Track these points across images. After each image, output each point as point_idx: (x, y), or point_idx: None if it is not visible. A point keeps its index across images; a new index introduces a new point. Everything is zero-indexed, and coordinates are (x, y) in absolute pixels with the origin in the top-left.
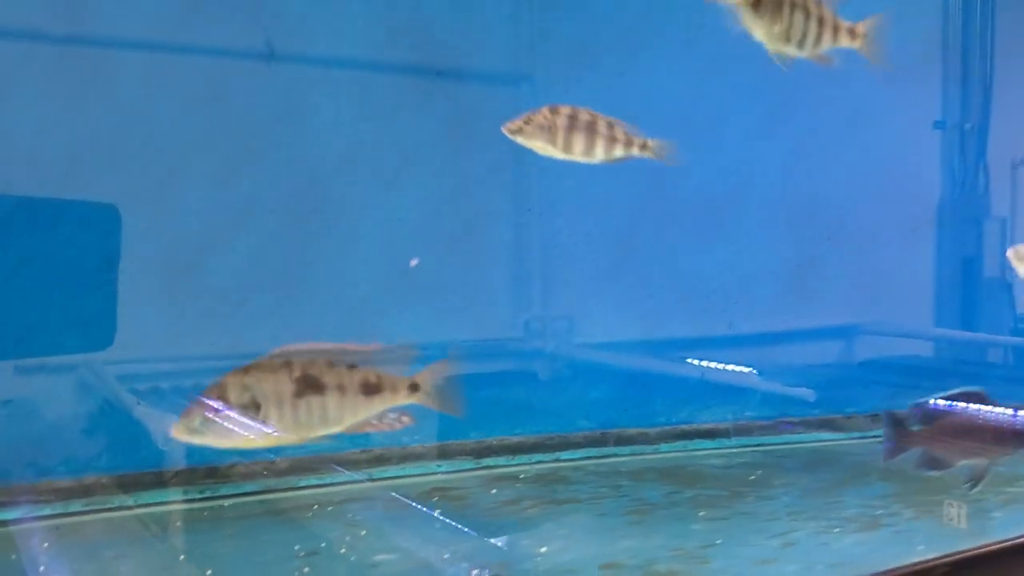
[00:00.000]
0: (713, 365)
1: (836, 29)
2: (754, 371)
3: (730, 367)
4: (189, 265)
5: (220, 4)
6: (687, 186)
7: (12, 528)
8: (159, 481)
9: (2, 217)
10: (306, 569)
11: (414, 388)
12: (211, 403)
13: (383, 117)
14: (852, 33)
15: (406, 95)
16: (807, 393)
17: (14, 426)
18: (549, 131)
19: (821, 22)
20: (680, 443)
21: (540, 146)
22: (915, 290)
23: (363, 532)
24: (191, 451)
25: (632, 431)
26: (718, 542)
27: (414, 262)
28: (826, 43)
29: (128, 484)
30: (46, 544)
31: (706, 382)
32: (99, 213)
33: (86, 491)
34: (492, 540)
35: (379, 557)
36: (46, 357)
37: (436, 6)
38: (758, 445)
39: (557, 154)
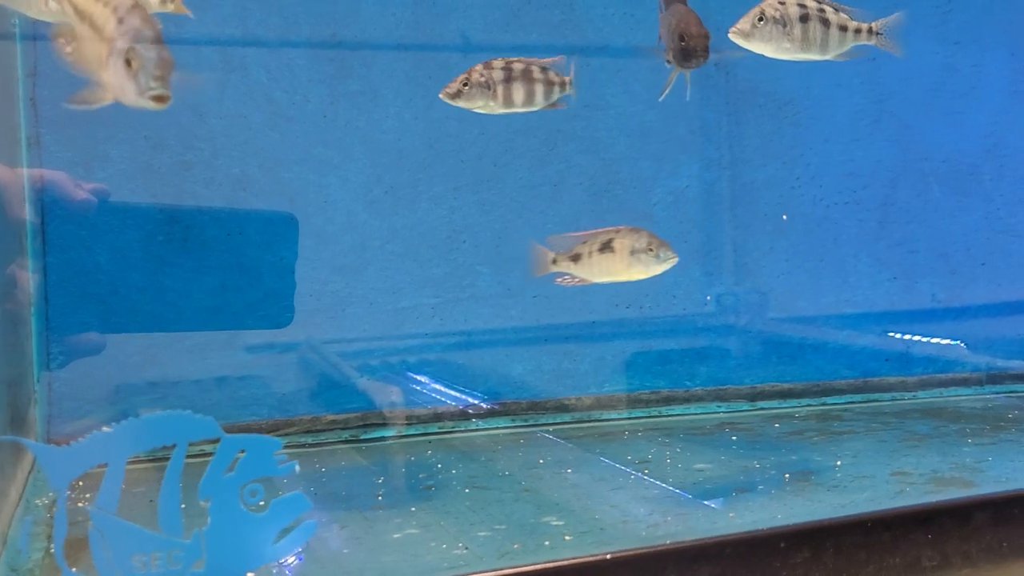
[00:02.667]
0: (966, 314)
1: None
2: (1008, 322)
3: (981, 320)
4: (514, 231)
5: (536, 11)
6: (943, 149)
7: (388, 442)
8: (493, 411)
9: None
10: (646, 470)
11: None
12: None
13: (668, 102)
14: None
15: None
16: None
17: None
18: (488, 88)
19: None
20: (936, 390)
21: (481, 105)
22: None
23: (678, 449)
24: (515, 389)
25: (892, 379)
26: (989, 459)
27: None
28: None
29: (469, 413)
30: (428, 452)
31: (960, 335)
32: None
33: (436, 417)
34: (791, 456)
35: (699, 465)
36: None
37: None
38: (1011, 392)
39: (498, 110)
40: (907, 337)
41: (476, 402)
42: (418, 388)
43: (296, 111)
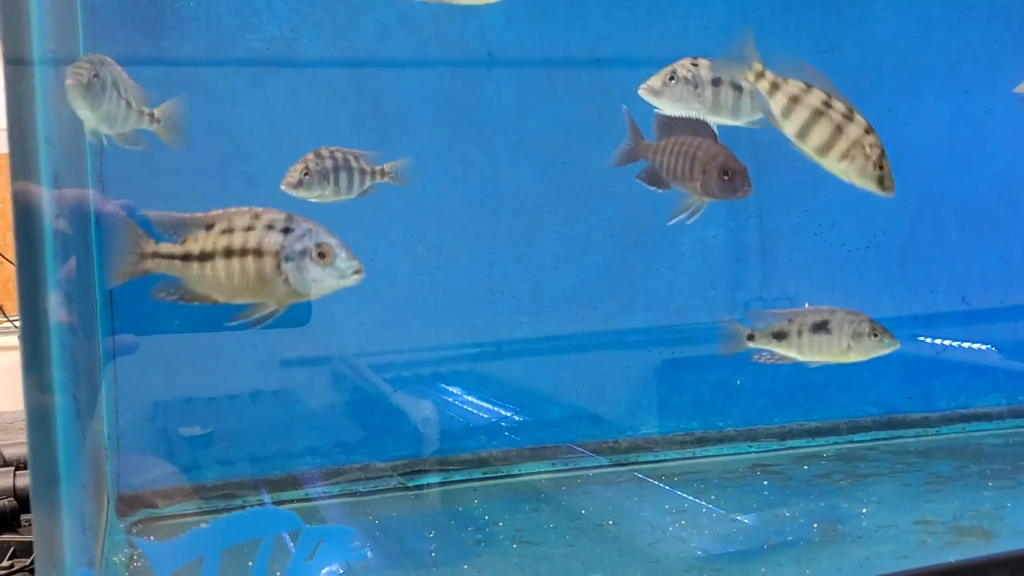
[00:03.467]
0: (986, 349)
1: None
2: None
3: (1001, 355)
4: (550, 282)
5: (567, 77)
6: (959, 194)
7: (435, 490)
8: (535, 455)
9: None
10: (682, 521)
11: None
12: None
13: None
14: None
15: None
16: None
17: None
18: (325, 177)
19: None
20: (959, 425)
21: (317, 194)
22: None
23: (712, 496)
24: (555, 434)
25: (915, 416)
26: (1008, 504)
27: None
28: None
29: (511, 458)
30: (475, 500)
31: (980, 370)
32: None
33: (480, 463)
34: (819, 503)
35: (733, 515)
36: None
37: None
38: None
39: (330, 198)
40: (930, 371)
41: (518, 448)
42: (462, 434)
43: None
